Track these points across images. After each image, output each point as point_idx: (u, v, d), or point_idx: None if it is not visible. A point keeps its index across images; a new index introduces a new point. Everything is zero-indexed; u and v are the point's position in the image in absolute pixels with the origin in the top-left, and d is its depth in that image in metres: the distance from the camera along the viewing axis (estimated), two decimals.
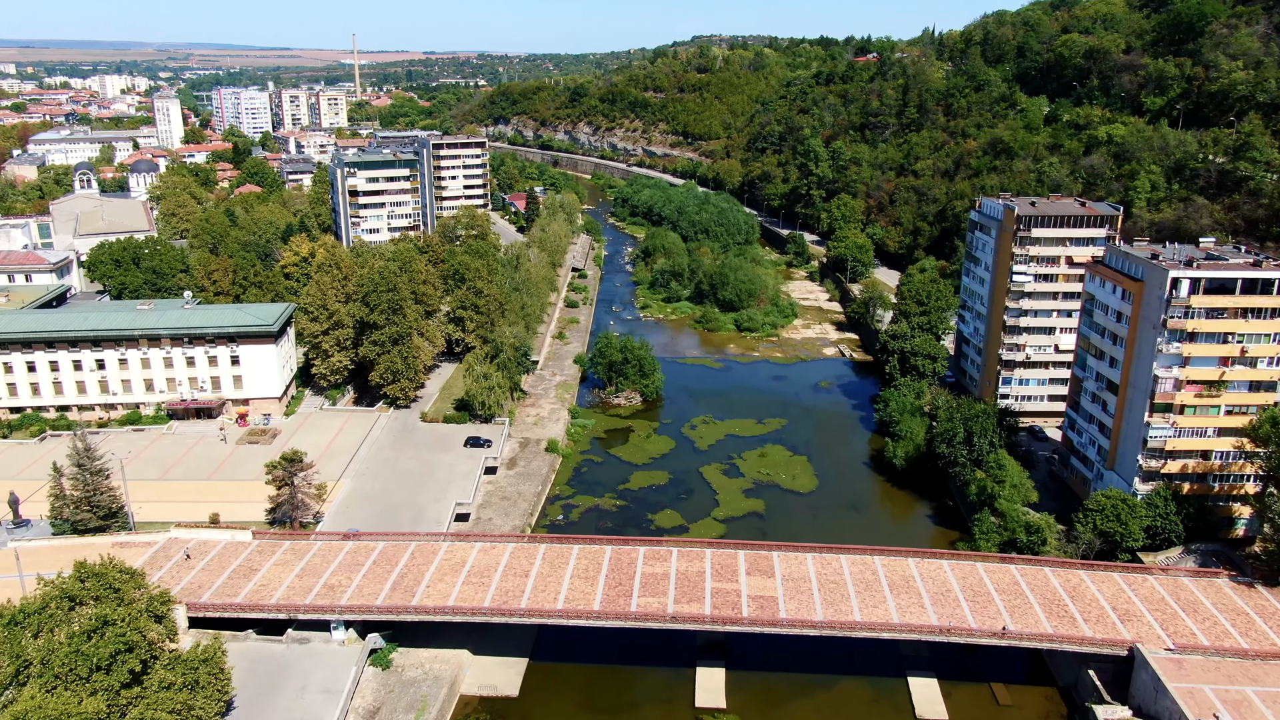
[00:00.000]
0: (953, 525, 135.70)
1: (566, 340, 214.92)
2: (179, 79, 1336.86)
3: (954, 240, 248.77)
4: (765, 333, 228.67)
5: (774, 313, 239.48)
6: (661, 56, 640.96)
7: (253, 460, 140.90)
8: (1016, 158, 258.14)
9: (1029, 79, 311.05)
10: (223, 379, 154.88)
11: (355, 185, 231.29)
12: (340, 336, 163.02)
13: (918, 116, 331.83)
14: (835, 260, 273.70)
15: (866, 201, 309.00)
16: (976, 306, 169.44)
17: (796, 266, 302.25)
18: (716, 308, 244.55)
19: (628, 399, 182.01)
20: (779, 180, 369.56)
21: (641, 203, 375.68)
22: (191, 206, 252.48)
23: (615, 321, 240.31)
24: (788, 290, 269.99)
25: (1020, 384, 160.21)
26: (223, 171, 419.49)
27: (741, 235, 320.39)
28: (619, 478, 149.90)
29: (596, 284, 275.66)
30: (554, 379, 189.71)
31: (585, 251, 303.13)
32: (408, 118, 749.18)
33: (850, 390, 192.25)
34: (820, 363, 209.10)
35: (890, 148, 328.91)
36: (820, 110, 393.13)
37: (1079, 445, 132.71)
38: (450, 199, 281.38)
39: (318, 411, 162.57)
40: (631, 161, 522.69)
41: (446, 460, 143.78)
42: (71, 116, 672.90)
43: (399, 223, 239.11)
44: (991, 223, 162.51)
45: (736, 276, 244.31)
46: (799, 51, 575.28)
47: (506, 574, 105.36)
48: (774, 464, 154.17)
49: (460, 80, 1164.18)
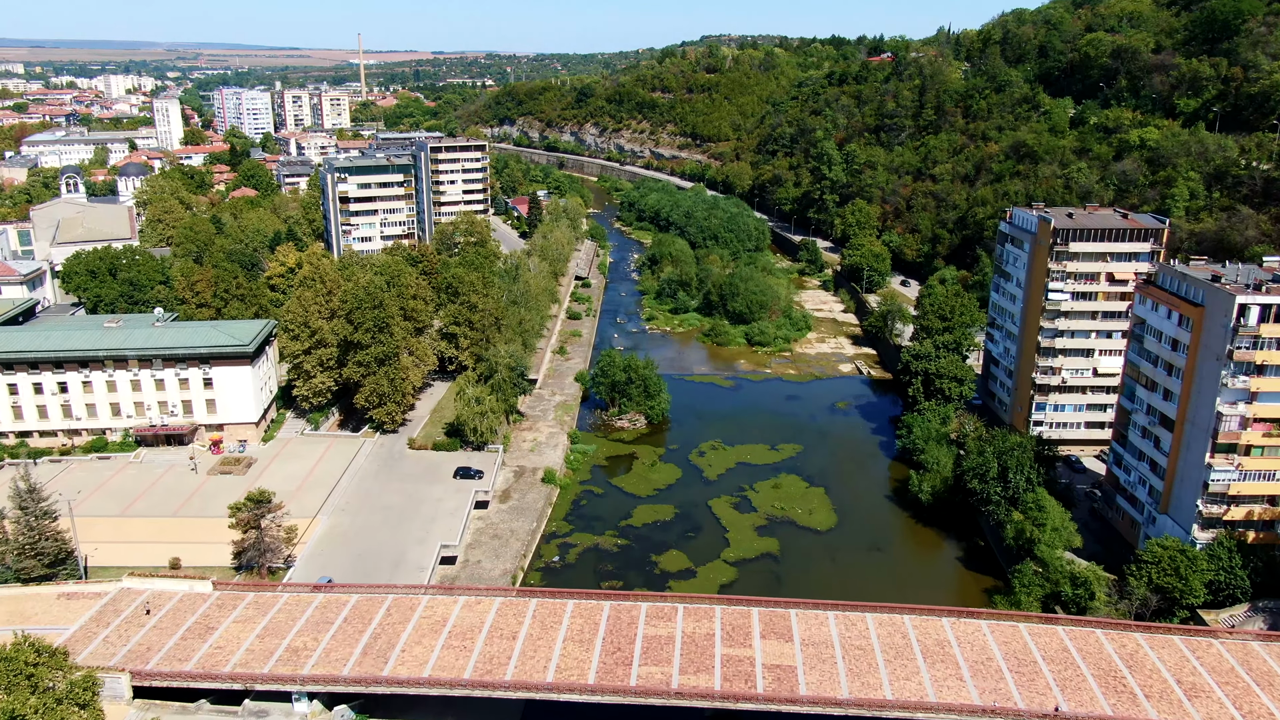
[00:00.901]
0: (986, 569, 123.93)
1: (568, 356, 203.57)
2: (186, 79, 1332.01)
3: (976, 249, 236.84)
4: (777, 347, 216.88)
5: (786, 325, 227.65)
6: (670, 56, 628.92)
7: (224, 493, 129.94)
8: (1041, 162, 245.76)
9: (1052, 79, 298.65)
10: (195, 403, 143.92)
11: (346, 191, 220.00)
12: (323, 356, 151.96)
13: (935, 118, 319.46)
14: (850, 269, 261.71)
15: (882, 207, 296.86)
16: (1007, 325, 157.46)
17: (809, 275, 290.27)
18: (726, 320, 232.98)
19: (631, 421, 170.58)
20: (790, 184, 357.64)
21: (649, 207, 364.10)
22: (179, 212, 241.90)
23: (620, 334, 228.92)
24: (800, 300, 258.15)
25: (1055, 410, 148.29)
26: (219, 174, 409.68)
27: (752, 242, 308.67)
28: (621, 512, 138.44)
29: (601, 293, 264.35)
30: (553, 399, 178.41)
31: (589, 258, 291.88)
32: (412, 118, 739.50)
33: (869, 412, 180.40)
34: (836, 381, 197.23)
35: (906, 151, 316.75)
36: (833, 112, 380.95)
37: (1126, 484, 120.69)
38: (449, 204, 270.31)
39: (298, 437, 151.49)
40: (639, 163, 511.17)
41: (434, 494, 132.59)
42: (72, 117, 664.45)
43: (392, 231, 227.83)
44: (1024, 235, 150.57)
45: (747, 287, 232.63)
46: (810, 51, 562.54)
47: (492, 635, 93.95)
48: (789, 497, 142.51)
49: (468, 80, 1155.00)
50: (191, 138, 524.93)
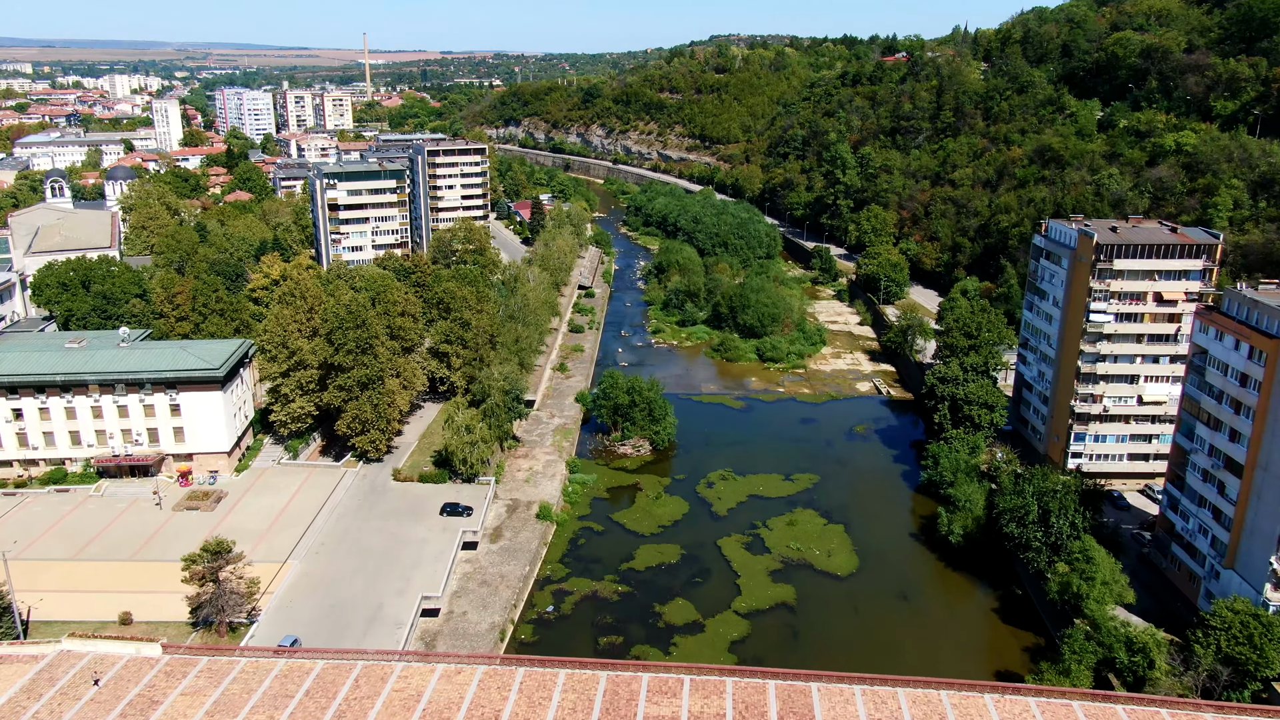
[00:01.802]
0: (1026, 622, 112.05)
1: (568, 373, 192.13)
2: (194, 79, 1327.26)
3: (1000, 259, 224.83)
4: (790, 363, 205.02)
5: (800, 340, 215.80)
6: (678, 56, 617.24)
7: (188, 532, 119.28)
8: (1069, 167, 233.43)
9: (1076, 80, 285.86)
10: (161, 431, 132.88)
11: (335, 198, 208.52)
12: (303, 379, 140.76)
13: (954, 120, 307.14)
14: (866, 279, 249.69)
15: (899, 213, 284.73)
16: (1042, 347, 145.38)
17: (823, 284, 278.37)
18: (736, 333, 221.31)
19: (635, 448, 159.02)
20: (802, 188, 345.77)
21: (655, 212, 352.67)
22: (164, 218, 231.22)
23: (624, 348, 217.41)
24: (814, 312, 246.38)
25: (1096, 440, 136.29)
26: (216, 176, 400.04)
27: (763, 249, 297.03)
28: (622, 553, 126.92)
29: (605, 304, 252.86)
30: (552, 421, 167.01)
31: (593, 266, 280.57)
32: (417, 119, 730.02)
33: (890, 436, 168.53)
34: (853, 402, 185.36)
35: (924, 154, 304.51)
36: (846, 113, 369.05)
37: (1183, 531, 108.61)
38: (447, 210, 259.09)
39: (275, 467, 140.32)
40: (646, 166, 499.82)
41: (418, 534, 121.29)
42: (73, 117, 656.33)
43: (384, 240, 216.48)
44: (1062, 250, 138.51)
45: (758, 299, 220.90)
46: (822, 51, 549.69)
47: (470, 717, 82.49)
48: (805, 535, 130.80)
49: (475, 80, 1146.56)
50: (191, 139, 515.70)
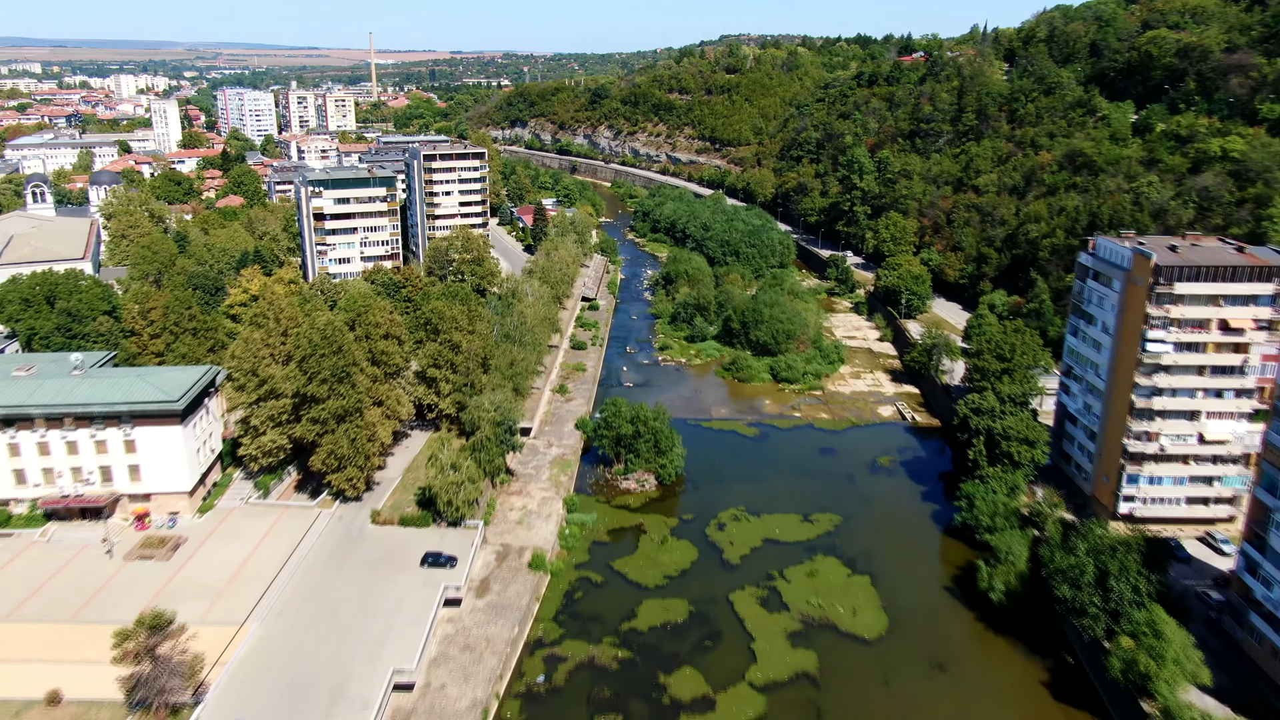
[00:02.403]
0: (1081, 700, 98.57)
1: (569, 395, 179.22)
2: (203, 79, 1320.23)
3: (1030, 272, 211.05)
4: (807, 384, 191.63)
5: (816, 358, 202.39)
6: (688, 56, 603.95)
7: (141, 585, 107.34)
8: (1103, 174, 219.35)
9: (1106, 81, 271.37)
10: (115, 469, 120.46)
11: (321, 207, 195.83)
12: (275, 409, 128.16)
13: (977, 123, 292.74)
14: (886, 291, 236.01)
15: (919, 221, 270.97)
16: (1089, 376, 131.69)
17: (839, 296, 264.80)
18: (748, 350, 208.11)
19: (639, 482, 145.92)
20: (816, 193, 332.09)
21: (664, 218, 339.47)
22: (145, 226, 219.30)
23: (629, 366, 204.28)
24: (830, 326, 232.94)
25: (1150, 483, 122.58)
26: (211, 179, 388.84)
27: (775, 258, 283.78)
28: (623, 609, 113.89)
29: (609, 317, 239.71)
30: (549, 452, 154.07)
31: (598, 276, 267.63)
32: (422, 119, 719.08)
33: (916, 469, 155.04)
34: (876, 429, 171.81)
35: (945, 159, 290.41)
36: (862, 115, 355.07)
37: (1265, 600, 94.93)
38: (444, 217, 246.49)
39: (243, 507, 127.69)
40: (654, 168, 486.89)
41: (394, 590, 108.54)
42: (73, 118, 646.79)
43: (374, 251, 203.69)
44: (1114, 271, 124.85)
45: (772, 313, 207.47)
46: (835, 50, 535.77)
47: None
48: (828, 589, 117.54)
49: (484, 80, 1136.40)
50: (190, 140, 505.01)
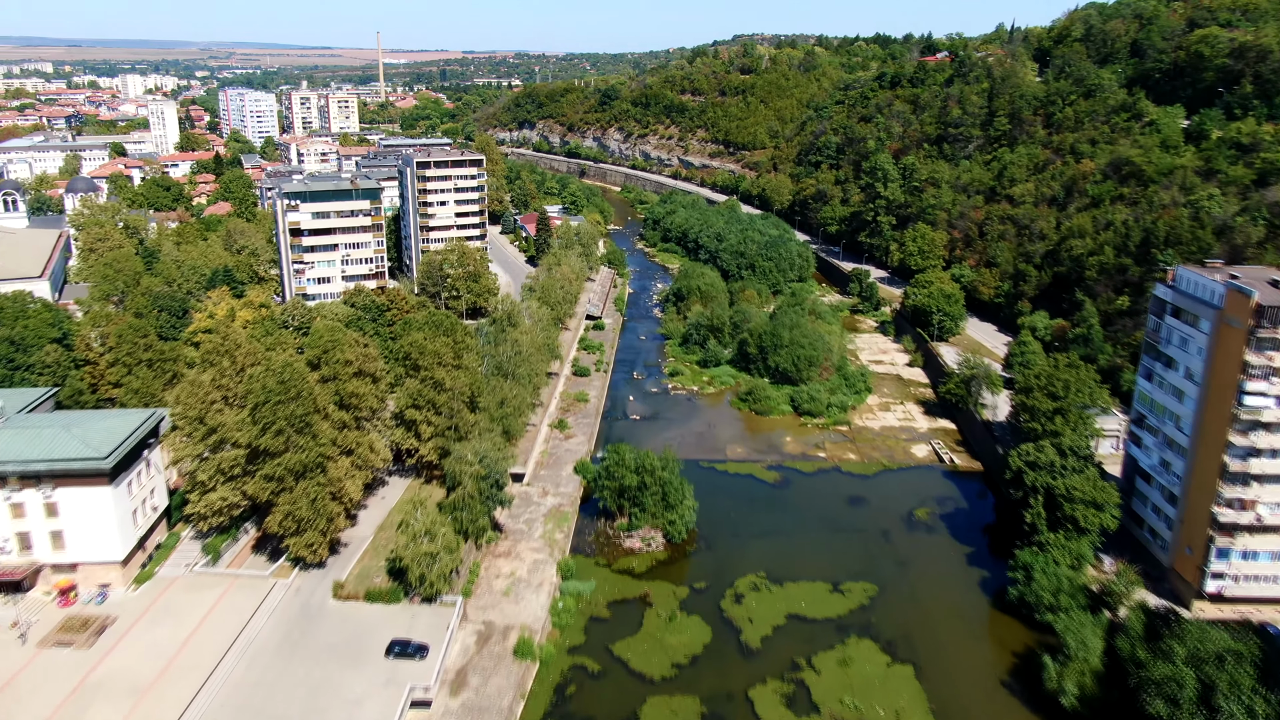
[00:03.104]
0: None
1: (568, 431, 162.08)
2: (214, 78, 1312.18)
3: (1075, 292, 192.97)
4: (831, 418, 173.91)
5: (841, 387, 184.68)
6: (701, 56, 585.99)
7: (54, 680, 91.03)
8: (1153, 185, 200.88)
9: (1151, 83, 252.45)
10: (35, 536, 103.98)
11: (298, 222, 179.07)
12: (226, 462, 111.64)
13: (1009, 128, 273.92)
14: (915, 310, 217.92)
15: (949, 233, 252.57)
16: (1167, 429, 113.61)
17: (864, 314, 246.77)
18: (766, 377, 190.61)
19: (645, 541, 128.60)
20: (837, 201, 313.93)
21: (675, 227, 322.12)
22: (116, 239, 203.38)
23: (636, 396, 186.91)
24: (855, 348, 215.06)
25: (1245, 558, 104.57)
26: (204, 184, 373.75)
27: (794, 271, 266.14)
28: (623, 709, 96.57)
29: (616, 337, 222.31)
30: (544, 501, 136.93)
31: (605, 291, 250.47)
32: (429, 121, 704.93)
33: (958, 523, 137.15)
34: (910, 473, 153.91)
35: (975, 166, 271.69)
36: (885, 119, 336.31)
37: None
38: (439, 229, 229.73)
39: (187, 575, 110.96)
40: (666, 172, 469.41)
41: (353, 688, 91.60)
42: (73, 119, 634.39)
43: (357, 270, 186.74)
44: (1201, 309, 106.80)
45: (792, 337, 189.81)
46: (854, 50, 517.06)
47: None
48: (864, 684, 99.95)
49: (494, 80, 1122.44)
50: (187, 142, 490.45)
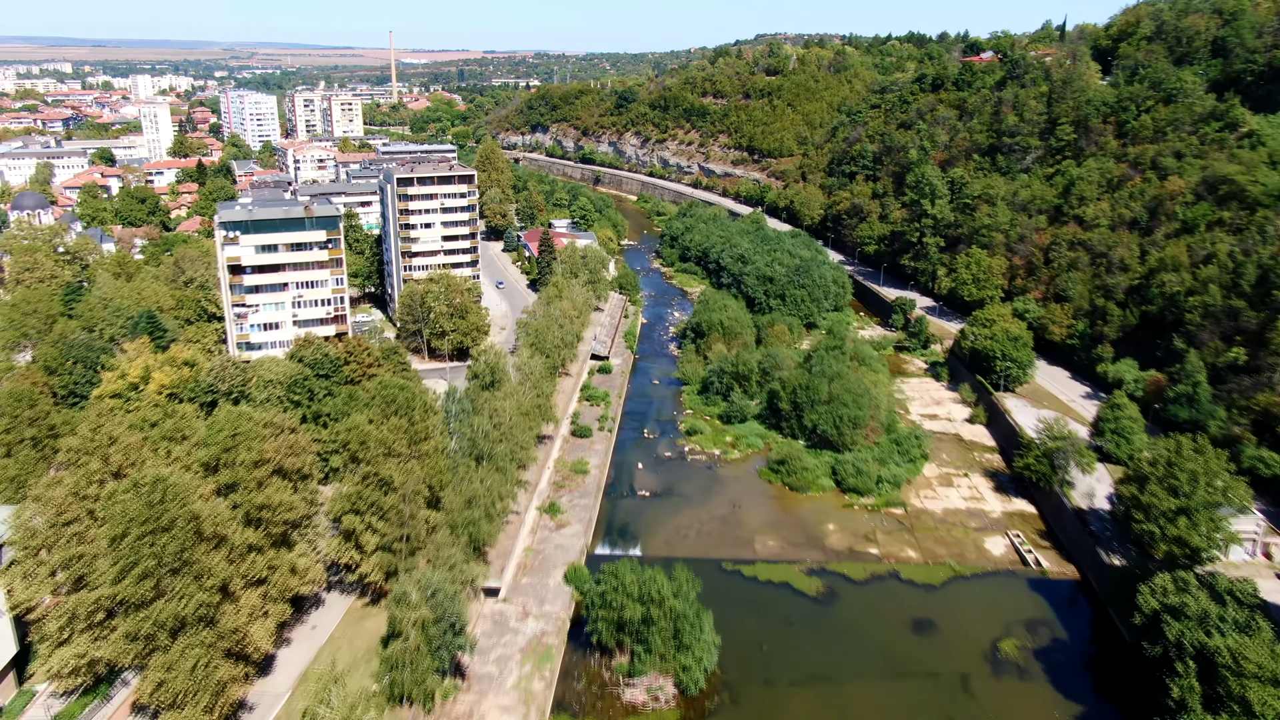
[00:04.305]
0: None
1: (561, 518, 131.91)
2: (231, 78, 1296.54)
3: (1170, 338, 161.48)
4: (882, 497, 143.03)
5: (893, 454, 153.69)
6: (723, 56, 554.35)
7: None
8: (1261, 209, 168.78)
9: (1242, 87, 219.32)
10: None
11: (238, 257, 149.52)
12: (84, 606, 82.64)
13: (1075, 138, 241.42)
14: (974, 354, 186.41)
15: (1007, 259, 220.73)
16: None
17: (910, 352, 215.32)
18: (801, 438, 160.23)
19: (651, 692, 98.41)
20: (874, 217, 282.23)
21: (694, 245, 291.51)
22: (48, 269, 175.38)
23: (645, 464, 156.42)
24: (903, 396, 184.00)
25: None
26: (188, 195, 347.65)
27: (829, 300, 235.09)
28: None
29: (625, 383, 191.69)
30: (523, 627, 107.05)
31: (614, 323, 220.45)
32: (440, 123, 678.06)
33: (1056, 663, 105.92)
34: (987, 581, 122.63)
35: (1035, 181, 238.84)
36: (928, 125, 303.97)
37: None
38: (423, 255, 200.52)
39: None
40: (685, 180, 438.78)
41: None
42: (72, 121, 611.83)
43: (311, 313, 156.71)
44: None
45: (833, 390, 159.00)
46: (887, 50, 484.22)
47: None
48: None
49: (513, 80, 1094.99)
50: (179, 147, 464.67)
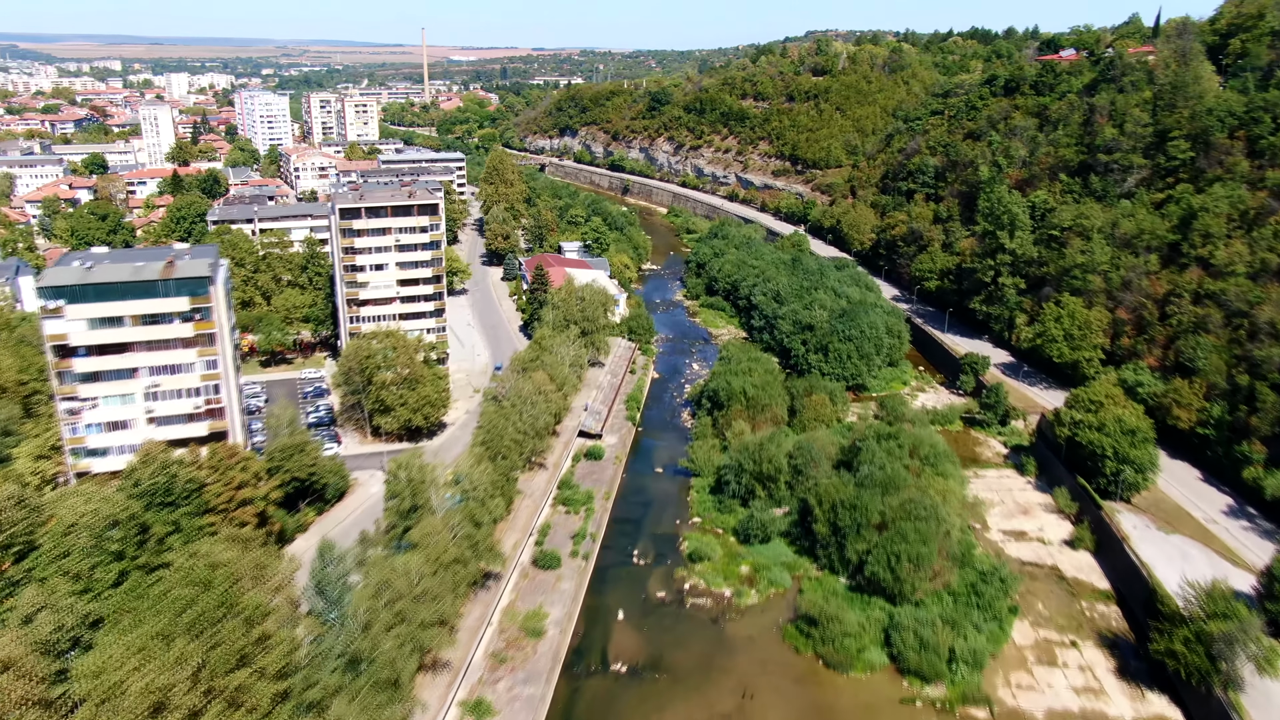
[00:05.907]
0: None
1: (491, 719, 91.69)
2: (276, 76, 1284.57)
3: None
4: (957, 688, 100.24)
5: (968, 606, 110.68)
6: (767, 54, 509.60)
7: None
8: None
9: None
10: None
11: (64, 335, 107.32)
12: None
13: (1193, 156, 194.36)
14: (1072, 443, 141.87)
15: (1109, 309, 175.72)
16: None
17: (985, 428, 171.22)
18: (842, 573, 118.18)
19: None
20: (937, 246, 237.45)
21: (723, 275, 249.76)
22: None
23: (628, 613, 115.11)
24: (977, 497, 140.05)
25: None
26: (164, 208, 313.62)
27: (883, 353, 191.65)
28: None
29: (619, 473, 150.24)
30: None
31: (616, 382, 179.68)
32: (466, 125, 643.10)
33: None
34: None
35: (1140, 209, 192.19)
36: (1001, 136, 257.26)
37: None
38: (373, 304, 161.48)
39: None
40: (721, 192, 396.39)
41: None
42: (83, 123, 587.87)
43: (172, 407, 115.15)
44: None
45: (888, 509, 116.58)
46: (949, 47, 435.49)
47: None
48: None
49: (556, 79, 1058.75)
50: (178, 153, 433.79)
